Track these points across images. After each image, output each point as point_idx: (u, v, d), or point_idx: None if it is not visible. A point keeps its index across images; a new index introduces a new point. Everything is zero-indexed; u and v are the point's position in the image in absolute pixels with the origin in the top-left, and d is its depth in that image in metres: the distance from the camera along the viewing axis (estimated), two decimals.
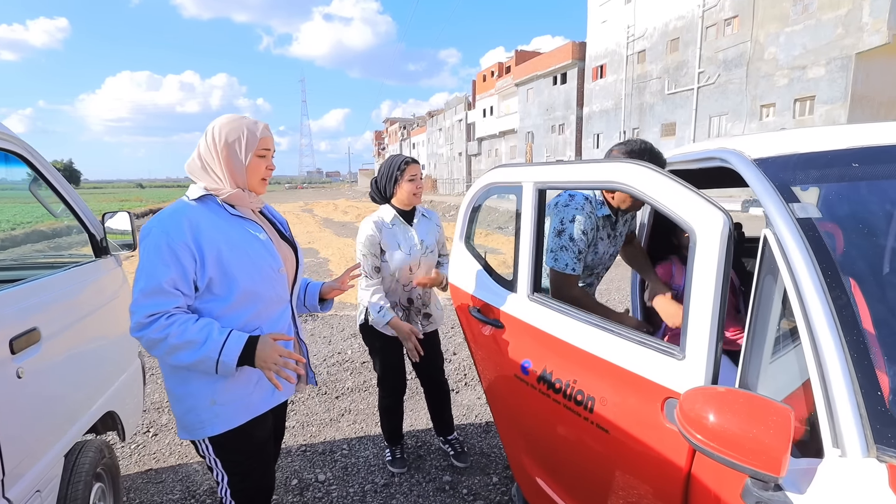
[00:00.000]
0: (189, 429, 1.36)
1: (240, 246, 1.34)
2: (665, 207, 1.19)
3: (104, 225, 1.99)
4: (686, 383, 1.13)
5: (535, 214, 1.60)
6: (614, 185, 1.34)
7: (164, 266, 1.23)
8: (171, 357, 1.24)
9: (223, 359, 1.23)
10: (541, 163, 1.61)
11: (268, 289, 1.40)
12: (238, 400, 1.37)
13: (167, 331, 1.21)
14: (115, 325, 2.01)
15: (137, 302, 1.23)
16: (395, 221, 2.27)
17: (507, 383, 1.76)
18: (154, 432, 2.93)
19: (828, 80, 16.14)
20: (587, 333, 1.39)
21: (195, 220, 1.28)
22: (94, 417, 1.75)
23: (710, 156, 1.41)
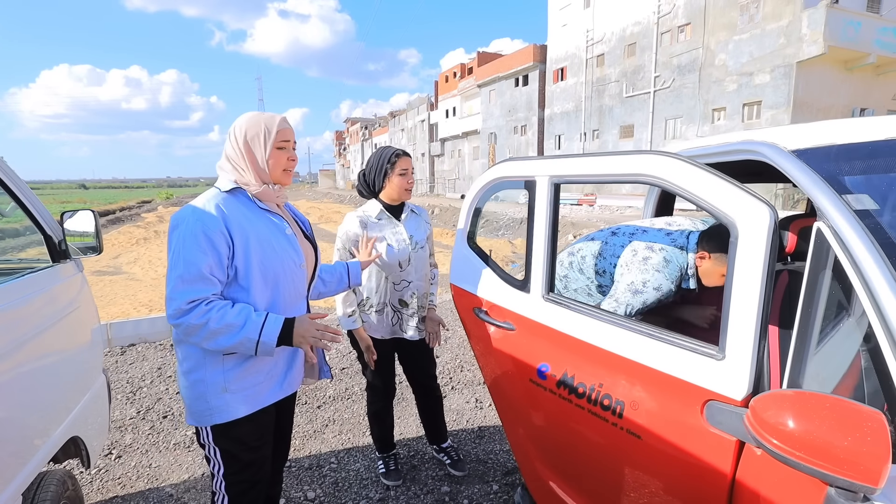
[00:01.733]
0: (198, 415, 1.37)
1: (267, 238, 1.39)
2: (702, 201, 1.13)
3: (63, 226, 1.76)
4: (728, 384, 1.08)
5: (551, 211, 1.53)
6: (643, 179, 1.27)
7: (201, 253, 1.26)
8: (210, 342, 1.27)
9: (263, 339, 1.28)
10: (557, 155, 1.54)
11: (288, 283, 1.44)
12: (248, 388, 1.39)
13: (207, 316, 1.24)
14: (76, 339, 1.78)
15: (177, 289, 1.25)
16: (381, 216, 2.15)
17: (520, 388, 1.68)
18: (118, 454, 2.66)
19: (772, 86, 17.12)
20: (613, 334, 1.33)
21: (228, 210, 1.33)
22: (56, 446, 1.53)
23: (735, 149, 1.37)
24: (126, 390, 3.44)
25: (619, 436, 1.32)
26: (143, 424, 2.99)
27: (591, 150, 25.56)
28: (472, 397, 3.34)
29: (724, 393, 1.09)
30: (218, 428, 1.38)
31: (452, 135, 39.04)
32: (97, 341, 1.99)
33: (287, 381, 1.50)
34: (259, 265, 1.34)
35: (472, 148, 36.72)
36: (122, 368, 3.83)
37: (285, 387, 1.49)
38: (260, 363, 1.40)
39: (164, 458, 2.62)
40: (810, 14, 15.78)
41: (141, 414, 3.12)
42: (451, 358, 4.06)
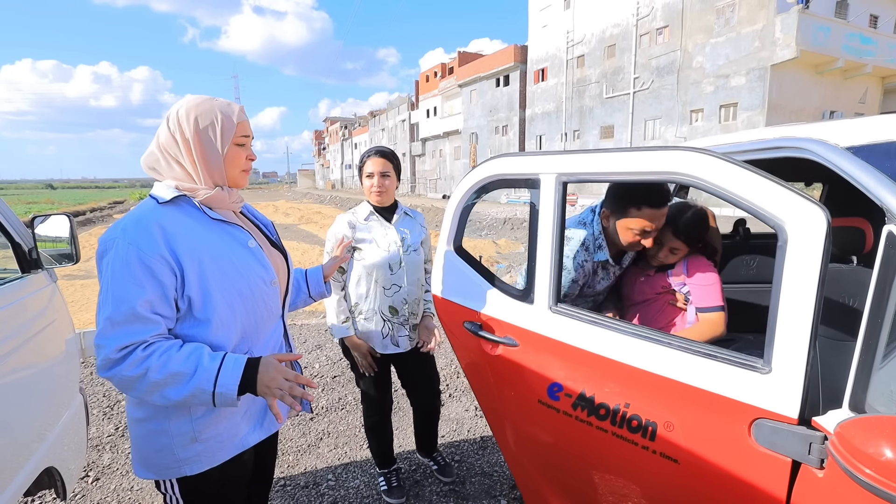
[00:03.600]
0: (159, 469, 1.13)
1: (226, 256, 1.12)
2: (745, 202, 1.04)
3: (34, 231, 1.58)
4: (779, 400, 1.00)
5: (559, 213, 1.37)
6: (674, 178, 1.17)
7: (136, 286, 0.99)
8: (155, 396, 1.00)
9: (220, 390, 1.00)
10: (567, 150, 1.41)
11: (259, 306, 1.18)
12: (224, 433, 1.16)
13: (145, 364, 0.98)
14: (50, 358, 1.61)
15: (104, 333, 0.98)
16: (370, 218, 2.04)
17: (526, 411, 1.52)
18: (95, 476, 2.46)
19: (748, 88, 17.52)
20: (639, 348, 1.21)
21: (170, 228, 1.05)
22: (29, 480, 1.36)
23: (775, 145, 1.30)
24: (102, 405, 3.22)
25: (650, 460, 1.22)
26: (123, 442, 2.79)
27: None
28: (471, 405, 3.23)
29: (775, 409, 1.00)
30: (185, 479, 1.15)
31: (433, 135, 38.91)
32: (73, 359, 1.81)
33: (268, 420, 1.27)
34: (221, 291, 1.09)
35: (454, 148, 36.66)
36: (97, 381, 3.60)
37: (266, 425, 1.27)
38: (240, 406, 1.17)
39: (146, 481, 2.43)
40: (783, 19, 16.20)
41: (119, 431, 2.91)
42: (447, 364, 3.95)
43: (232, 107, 1.15)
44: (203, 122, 1.10)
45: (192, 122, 1.09)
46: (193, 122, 1.09)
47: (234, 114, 1.14)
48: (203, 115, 1.10)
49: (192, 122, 1.09)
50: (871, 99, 19.49)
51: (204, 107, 1.11)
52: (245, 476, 1.28)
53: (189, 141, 1.09)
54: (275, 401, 1.05)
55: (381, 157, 2.01)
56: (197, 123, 1.09)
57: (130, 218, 1.05)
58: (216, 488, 1.20)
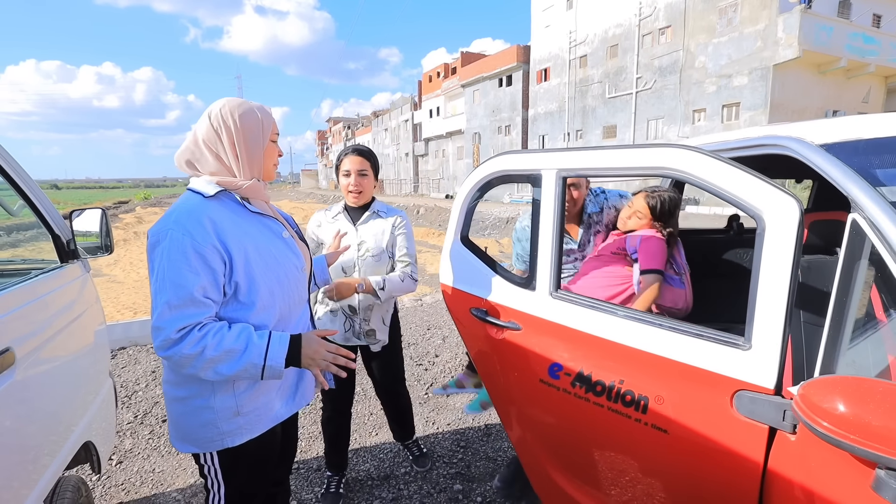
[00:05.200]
0: (203, 442, 1.24)
1: (265, 247, 1.25)
2: (727, 194, 1.15)
3: (71, 224, 1.71)
4: (758, 374, 1.11)
5: (559, 206, 1.48)
6: (664, 173, 1.29)
7: (192, 273, 1.10)
8: (209, 371, 1.12)
9: (269, 363, 1.15)
10: (566, 148, 1.51)
11: (292, 291, 1.32)
12: (262, 408, 1.28)
13: (202, 343, 1.09)
14: (86, 342, 1.73)
15: (163, 316, 1.09)
16: (338, 216, 2.02)
17: (528, 390, 1.63)
18: (119, 460, 2.59)
19: (750, 88, 17.57)
20: (633, 329, 1.32)
21: (218, 220, 1.17)
22: (72, 451, 1.48)
23: (759, 143, 1.40)
24: (121, 395, 3.35)
25: (643, 431, 1.32)
26: (142, 429, 2.91)
27: None
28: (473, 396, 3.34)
29: (754, 381, 1.11)
30: (225, 451, 1.27)
31: (436, 135, 39.03)
32: (103, 344, 1.93)
33: (299, 394, 1.41)
34: (263, 277, 1.21)
35: (457, 148, 36.77)
36: (115, 372, 3.73)
37: (298, 400, 1.40)
38: (271, 381, 1.29)
39: (167, 463, 2.56)
40: (786, 19, 16.25)
41: (139, 418, 3.04)
42: (452, 357, 4.06)
43: (266, 109, 1.29)
44: (247, 120, 1.22)
45: (238, 119, 1.21)
46: (239, 119, 1.21)
47: (269, 114, 1.29)
48: (246, 114, 1.22)
49: (238, 119, 1.21)
50: (875, 98, 19.50)
51: (245, 107, 1.24)
52: (276, 449, 1.40)
53: (233, 136, 1.21)
54: (318, 371, 1.20)
55: (359, 156, 1.97)
56: (242, 120, 1.21)
57: (181, 211, 1.15)
58: (252, 459, 1.31)
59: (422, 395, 3.37)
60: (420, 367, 3.89)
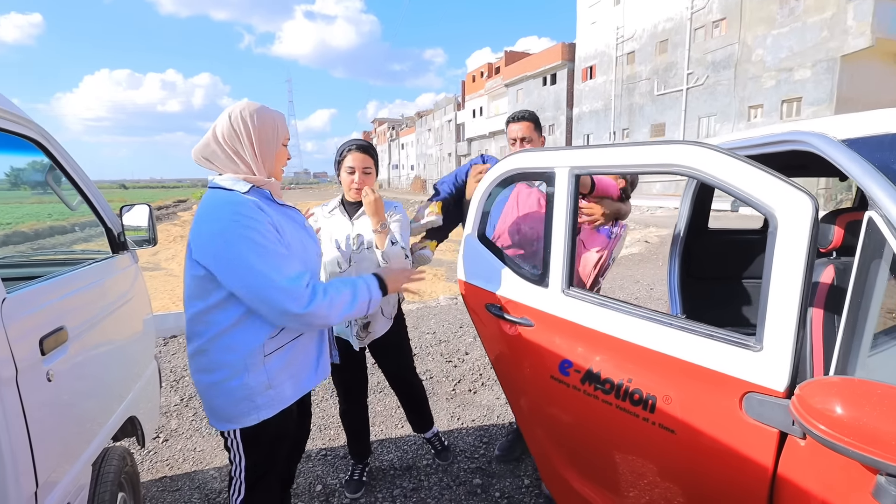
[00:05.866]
0: (239, 417, 1.35)
1: (296, 235, 1.40)
2: (740, 191, 1.12)
3: (122, 218, 1.88)
4: (768, 376, 1.07)
5: (571, 204, 1.48)
6: (675, 170, 1.26)
7: (275, 244, 1.26)
8: (336, 316, 1.33)
9: (374, 296, 1.44)
10: (577, 146, 1.51)
11: (315, 276, 1.48)
12: (287, 380, 1.41)
13: (328, 294, 1.31)
14: (132, 326, 1.90)
15: (280, 285, 1.22)
16: (334, 210, 2.03)
17: (539, 386, 1.64)
18: (164, 438, 2.80)
19: (814, 81, 16.45)
20: (642, 328, 1.31)
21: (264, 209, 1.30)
22: (118, 424, 1.63)
23: (780, 139, 1.36)
24: (170, 379, 3.61)
25: (650, 431, 1.31)
26: (187, 411, 3.13)
27: None
28: (501, 394, 3.35)
29: (764, 384, 1.08)
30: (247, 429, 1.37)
31: (479, 135, 39.01)
32: (150, 329, 2.10)
33: (320, 368, 1.55)
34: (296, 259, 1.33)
35: (499, 148, 36.60)
36: (165, 358, 4.02)
37: (319, 373, 1.54)
38: (297, 355, 1.42)
39: (207, 443, 2.74)
40: (857, 5, 15.10)
41: (184, 401, 3.26)
42: (481, 355, 4.09)
43: (281, 115, 1.41)
44: (264, 123, 1.34)
45: (256, 121, 1.32)
46: (258, 121, 1.32)
47: (283, 120, 1.41)
48: (263, 117, 1.34)
49: (256, 121, 1.32)
50: None
51: (262, 110, 1.35)
52: (292, 427, 1.53)
53: (252, 136, 1.32)
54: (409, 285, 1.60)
55: (363, 153, 1.94)
56: (259, 122, 1.33)
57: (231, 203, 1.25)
58: (271, 431, 1.41)
59: (449, 391, 3.42)
60: (450, 363, 3.94)
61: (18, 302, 1.13)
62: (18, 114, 1.42)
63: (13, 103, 1.41)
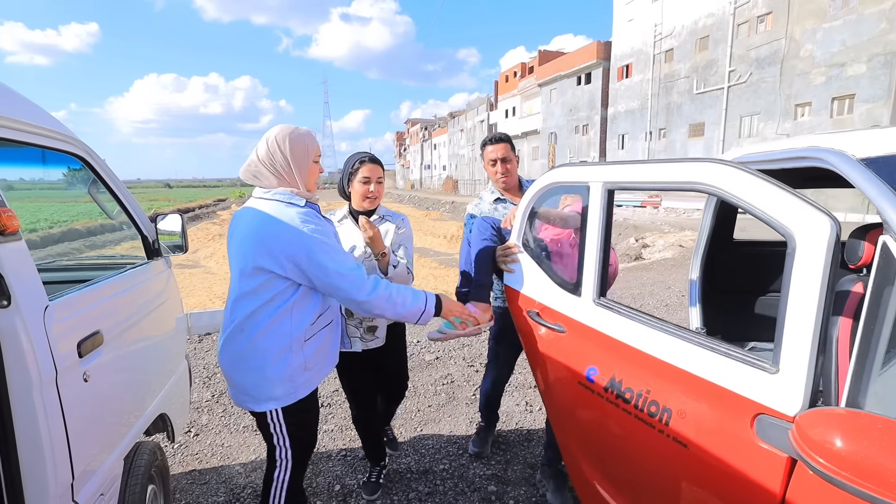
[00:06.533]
0: (279, 398, 1.55)
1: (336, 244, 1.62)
2: (757, 210, 1.10)
3: (156, 226, 2.00)
4: (781, 399, 1.05)
5: (604, 217, 1.53)
6: (697, 188, 1.25)
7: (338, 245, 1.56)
8: (390, 310, 1.54)
9: (428, 309, 1.59)
10: (610, 162, 1.55)
11: None
12: (321, 361, 1.65)
13: (388, 289, 1.53)
14: (165, 328, 2.01)
15: (347, 277, 1.48)
16: (344, 220, 2.10)
17: (569, 391, 1.70)
18: (195, 432, 2.95)
19: (869, 77, 15.50)
20: (663, 341, 1.32)
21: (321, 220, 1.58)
22: (150, 419, 1.74)
23: (798, 155, 1.32)
24: (203, 375, 3.79)
25: (665, 443, 1.31)
26: (217, 407, 3.28)
27: (657, 150, 24.39)
28: (522, 400, 3.35)
29: (776, 408, 1.06)
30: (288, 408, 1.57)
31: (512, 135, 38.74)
32: (181, 330, 2.23)
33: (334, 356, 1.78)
34: None
35: (532, 148, 36.25)
36: (199, 355, 4.21)
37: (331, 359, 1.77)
38: (327, 341, 1.66)
39: (235, 439, 2.87)
40: None
41: (215, 398, 3.42)
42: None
43: (312, 135, 1.59)
44: (296, 145, 1.54)
45: (290, 144, 1.53)
46: (290, 144, 1.53)
47: (314, 140, 1.60)
48: (294, 140, 1.54)
49: (290, 144, 1.53)
50: None
51: (294, 133, 1.55)
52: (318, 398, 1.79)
53: (288, 157, 1.53)
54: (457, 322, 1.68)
55: (376, 164, 2.05)
56: (292, 145, 1.53)
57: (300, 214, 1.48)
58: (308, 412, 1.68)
59: (469, 396, 3.44)
60: (471, 368, 3.96)
61: (59, 308, 1.23)
62: (65, 133, 1.54)
63: (61, 122, 1.54)
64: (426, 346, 4.45)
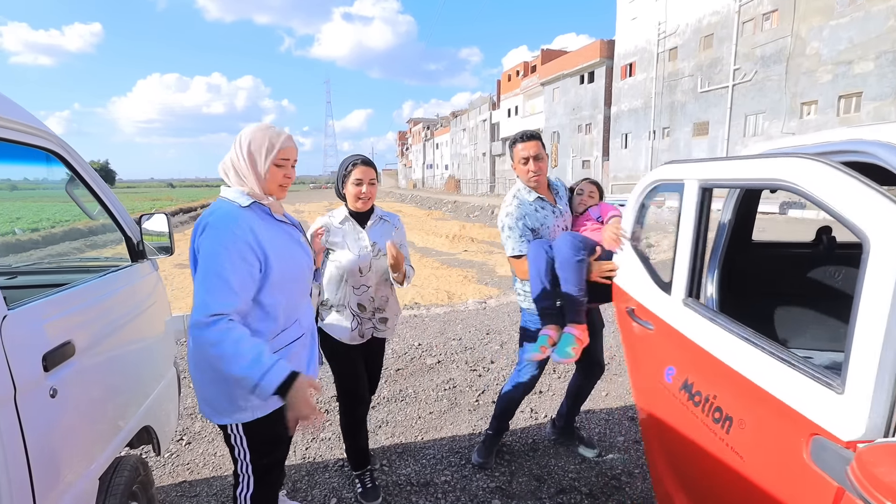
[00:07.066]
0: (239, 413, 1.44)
1: (288, 249, 1.48)
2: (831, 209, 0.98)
3: (141, 227, 1.88)
4: (839, 421, 0.93)
5: (697, 214, 1.49)
6: (778, 184, 1.15)
7: (231, 265, 1.29)
8: (215, 362, 1.25)
9: (263, 384, 1.23)
10: (705, 158, 1.51)
11: (304, 286, 1.58)
12: None
13: (224, 336, 1.23)
14: (151, 334, 1.90)
15: (200, 297, 1.27)
16: (345, 222, 2.13)
17: (652, 388, 1.70)
18: (188, 441, 2.84)
19: (877, 75, 15.31)
20: (734, 347, 1.24)
21: (254, 225, 1.38)
22: (130, 434, 1.63)
23: (837, 149, 1.19)
24: None
25: (724, 451, 1.27)
26: None
27: (660, 149, 24.22)
28: (526, 406, 3.23)
29: (832, 430, 0.94)
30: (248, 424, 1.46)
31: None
32: (170, 335, 2.11)
33: (309, 373, 1.60)
34: (280, 277, 1.41)
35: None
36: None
37: (310, 371, 1.62)
38: (296, 359, 1.52)
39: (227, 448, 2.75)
40: None
41: None
42: (507, 364, 3.97)
43: (280, 135, 1.44)
44: (255, 146, 1.42)
45: (247, 146, 1.42)
46: (248, 146, 1.42)
47: (279, 141, 1.44)
48: (255, 140, 1.42)
49: (247, 146, 1.42)
50: None
51: (258, 133, 1.43)
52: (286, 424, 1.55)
53: (244, 154, 1.42)
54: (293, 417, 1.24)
55: (368, 166, 2.09)
56: (250, 145, 1.42)
57: (222, 213, 1.35)
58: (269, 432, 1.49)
59: (472, 402, 3.32)
60: (474, 372, 3.84)
61: (19, 318, 1.12)
62: (38, 126, 1.43)
63: (33, 116, 1.42)
64: (427, 350, 4.34)
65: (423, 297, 7.79)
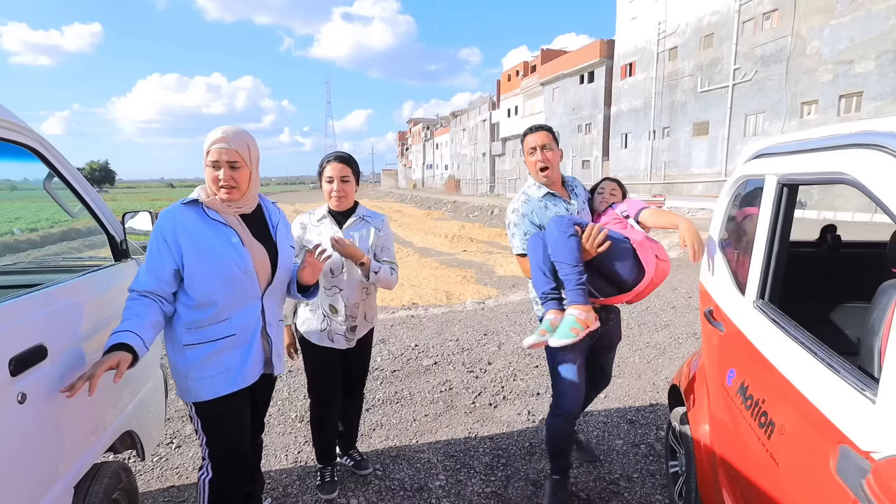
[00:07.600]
0: (183, 392, 1.60)
1: (213, 246, 1.52)
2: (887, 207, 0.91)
3: (124, 226, 1.83)
4: (867, 431, 0.87)
5: (773, 211, 1.41)
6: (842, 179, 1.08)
7: (149, 252, 1.50)
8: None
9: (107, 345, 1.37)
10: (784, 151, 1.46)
11: (235, 287, 1.57)
12: (206, 379, 1.57)
13: (126, 305, 1.46)
14: None
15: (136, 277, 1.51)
16: (322, 219, 2.10)
17: (716, 389, 1.69)
18: (178, 444, 2.78)
19: (878, 74, 15.23)
20: (787, 351, 1.20)
21: (180, 222, 1.51)
22: (110, 441, 1.58)
23: (847, 142, 1.13)
24: None
25: (763, 458, 1.23)
26: None
27: (660, 149, 24.17)
28: (523, 409, 3.18)
29: (859, 441, 0.89)
30: (198, 405, 1.59)
31: (514, 134, 38.50)
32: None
33: (241, 376, 1.62)
34: (206, 270, 1.51)
35: None
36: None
37: (239, 381, 1.62)
38: (215, 359, 1.56)
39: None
40: None
41: None
42: (505, 366, 3.92)
43: (211, 137, 1.52)
44: (204, 146, 1.53)
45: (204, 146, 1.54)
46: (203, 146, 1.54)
47: (209, 141, 1.52)
48: (205, 141, 1.53)
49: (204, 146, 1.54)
50: None
51: (208, 135, 1.54)
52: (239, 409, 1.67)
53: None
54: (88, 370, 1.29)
55: (340, 163, 2.04)
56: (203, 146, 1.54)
57: (165, 210, 1.53)
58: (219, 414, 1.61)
59: (468, 404, 3.27)
60: (471, 374, 3.79)
61: None
62: (15, 122, 1.37)
63: (10, 111, 1.37)
64: (424, 351, 4.28)
65: (422, 297, 7.73)
